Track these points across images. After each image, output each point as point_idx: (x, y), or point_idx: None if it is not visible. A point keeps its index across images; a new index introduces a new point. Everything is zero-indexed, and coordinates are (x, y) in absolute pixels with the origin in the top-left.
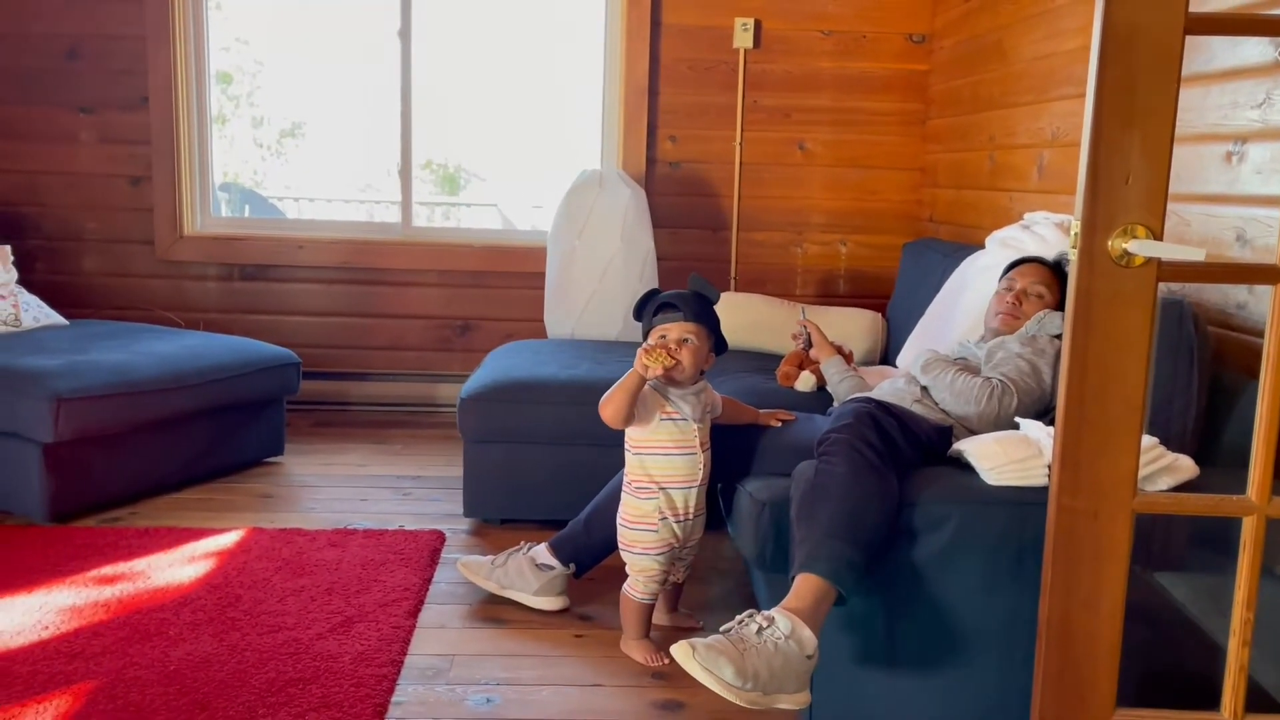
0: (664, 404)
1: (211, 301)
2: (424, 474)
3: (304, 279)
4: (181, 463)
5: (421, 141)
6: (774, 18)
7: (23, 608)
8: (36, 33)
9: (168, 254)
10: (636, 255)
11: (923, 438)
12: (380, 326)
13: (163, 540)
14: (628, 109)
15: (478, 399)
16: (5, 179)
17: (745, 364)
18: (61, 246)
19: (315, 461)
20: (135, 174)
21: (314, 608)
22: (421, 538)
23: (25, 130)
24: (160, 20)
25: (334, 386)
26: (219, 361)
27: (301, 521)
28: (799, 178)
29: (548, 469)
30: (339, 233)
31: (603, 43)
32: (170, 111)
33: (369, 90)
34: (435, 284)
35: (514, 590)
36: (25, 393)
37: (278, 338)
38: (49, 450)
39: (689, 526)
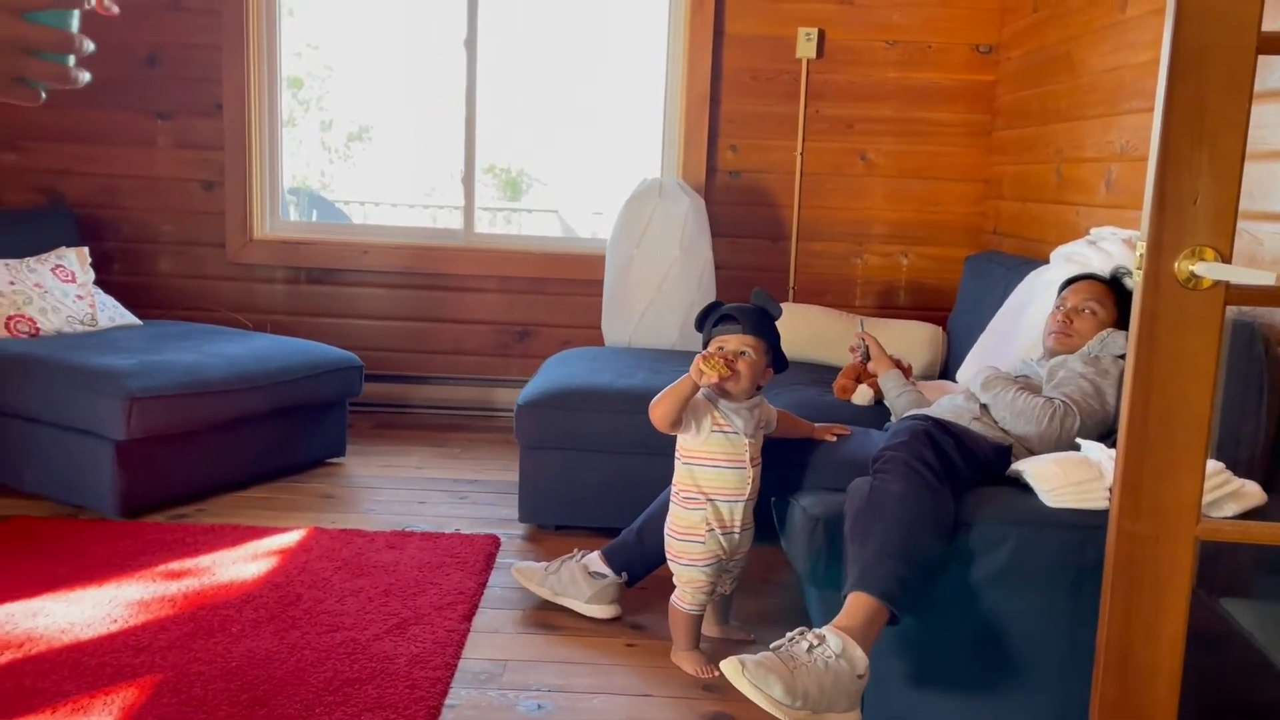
0: (715, 414)
1: (279, 304)
2: (481, 478)
3: (368, 283)
4: (248, 462)
5: (485, 146)
6: (838, 28)
7: (93, 600)
8: (118, 41)
9: (238, 257)
10: (695, 264)
11: (980, 457)
12: (441, 331)
13: (228, 537)
14: (689, 118)
15: (534, 405)
16: (86, 182)
17: (802, 376)
18: (137, 248)
19: (376, 463)
20: (208, 178)
21: (371, 608)
22: (477, 542)
23: (105, 135)
24: (235, 30)
25: (395, 389)
26: (285, 364)
27: (361, 522)
28: (860, 188)
29: (602, 476)
30: (403, 238)
31: (665, 52)
32: (242, 118)
33: (434, 96)
34: (496, 289)
35: (566, 597)
36: (100, 391)
37: (342, 341)
38: (121, 447)
39: (736, 540)
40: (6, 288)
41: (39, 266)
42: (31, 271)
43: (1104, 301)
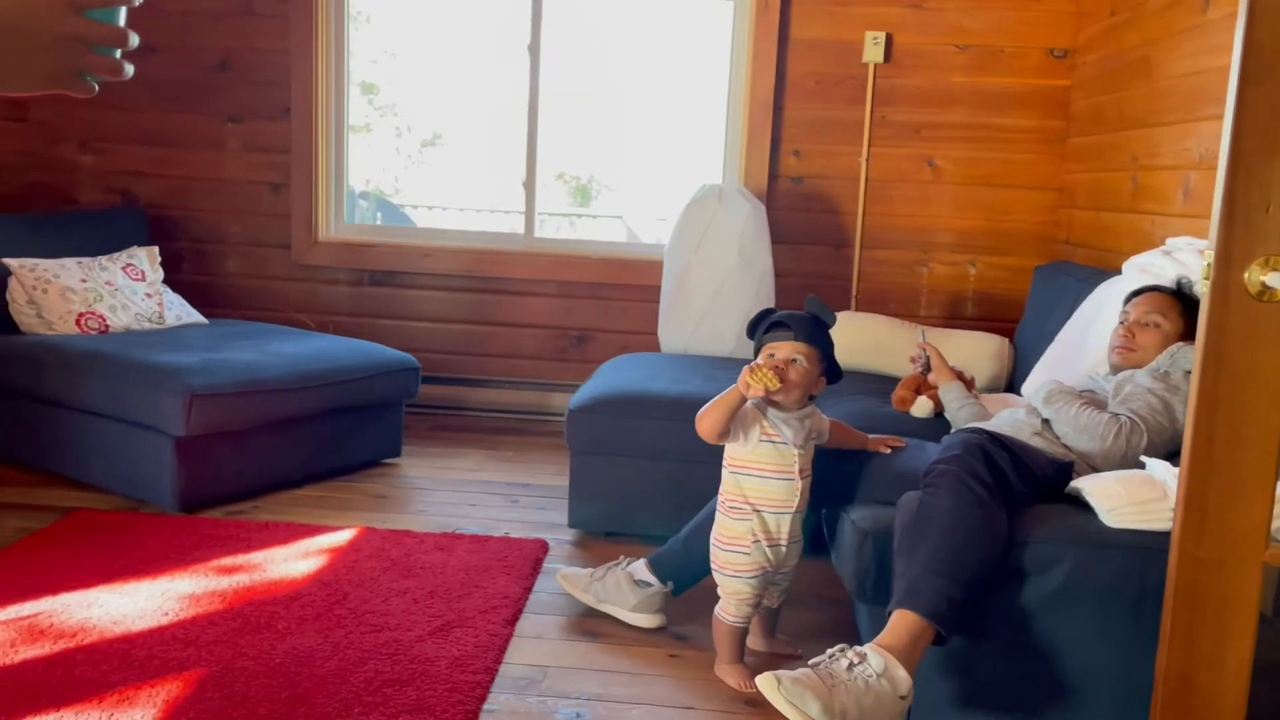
0: (764, 424)
1: (342, 305)
2: (533, 482)
3: (429, 286)
4: (304, 460)
5: (555, 153)
6: (906, 32)
7: (147, 593)
8: (192, 46)
9: (303, 258)
10: (753, 271)
11: (1038, 473)
12: (499, 334)
13: (281, 535)
14: (752, 123)
15: (586, 410)
16: (158, 183)
17: (860, 386)
18: (206, 249)
19: (430, 464)
20: (276, 181)
21: (416, 610)
22: (525, 546)
23: (178, 138)
24: (303, 35)
25: (452, 391)
26: (343, 364)
27: (412, 523)
28: (927, 195)
29: (652, 483)
30: (463, 242)
31: (729, 56)
32: (310, 122)
33: (505, 103)
34: (554, 294)
35: (611, 605)
36: (161, 388)
37: (402, 343)
38: (181, 443)
39: (783, 552)
40: (78, 285)
41: (110, 265)
42: (103, 270)
43: (1169, 314)
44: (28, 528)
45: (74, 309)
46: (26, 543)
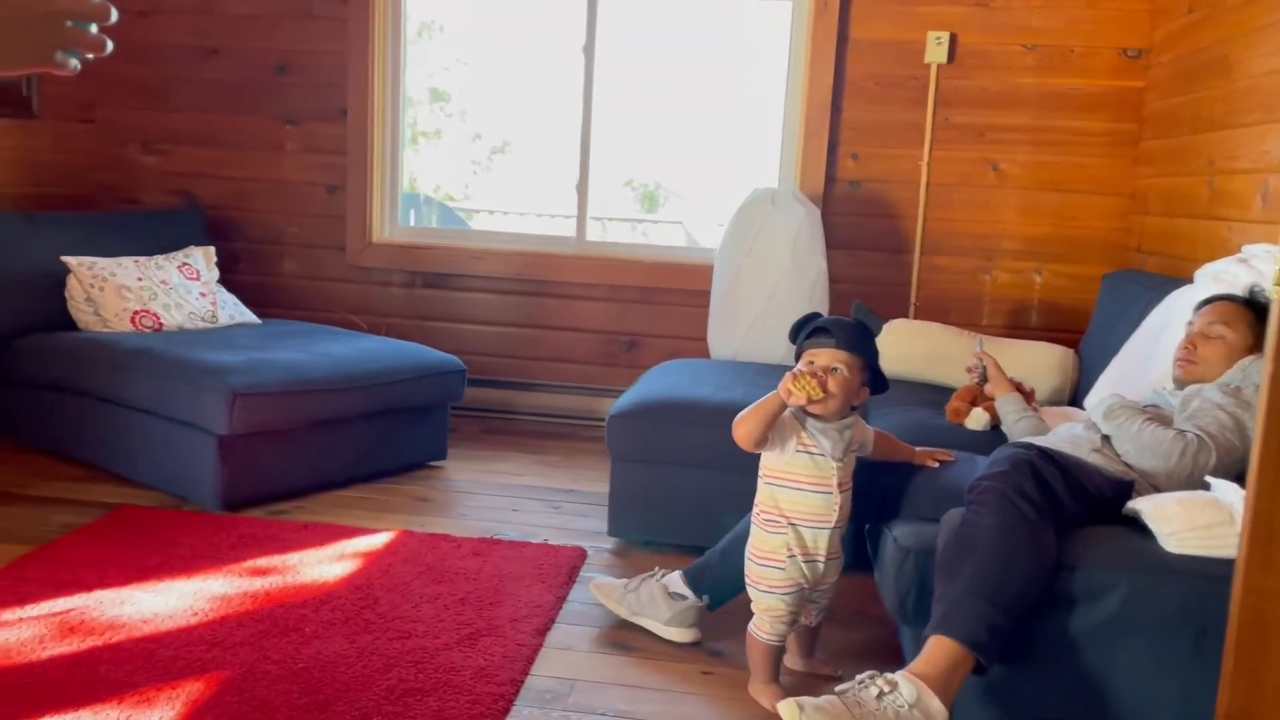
0: (801, 434)
1: (394, 307)
2: (576, 488)
3: (480, 288)
4: (348, 461)
5: (623, 159)
6: (971, 31)
7: (179, 592)
8: (252, 49)
9: (357, 260)
10: (806, 276)
11: (1093, 492)
12: (549, 338)
13: (318, 536)
14: (808, 125)
15: (627, 417)
16: (217, 184)
17: (914, 396)
18: (263, 249)
19: (475, 468)
20: (331, 182)
21: (446, 617)
22: (563, 553)
23: (238, 140)
24: (360, 38)
25: (502, 395)
26: (387, 365)
27: (451, 527)
28: (991, 200)
29: (694, 493)
30: (515, 244)
31: (786, 58)
32: (365, 124)
33: (573, 108)
34: (605, 298)
35: (644, 617)
36: (206, 386)
37: (452, 345)
38: (224, 442)
39: (820, 568)
40: (134, 284)
41: (166, 264)
42: (159, 269)
43: (1235, 324)
44: (73, 523)
45: (129, 307)
46: (70, 538)
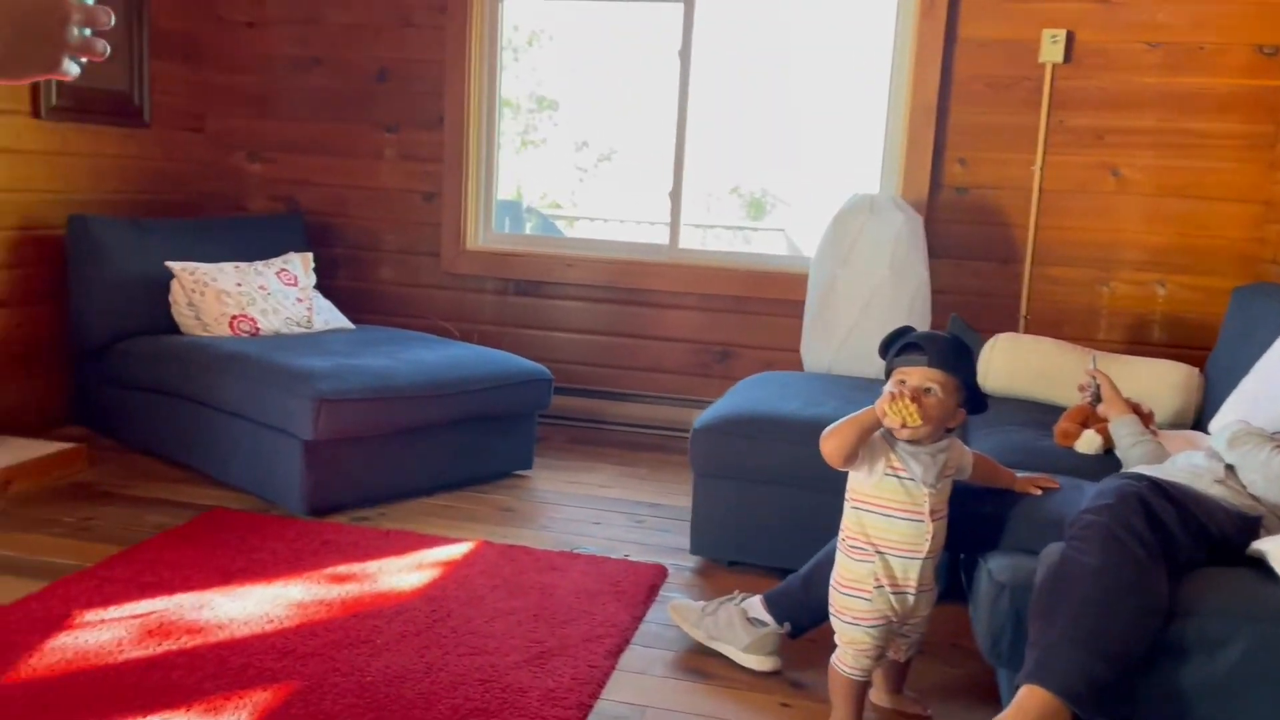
0: (891, 456)
1: (487, 314)
2: (662, 502)
3: (571, 296)
4: (433, 469)
5: (727, 166)
6: (1090, 29)
7: (257, 598)
8: (353, 58)
9: (451, 267)
10: (906, 287)
11: (1214, 530)
12: (641, 347)
13: (398, 544)
14: (912, 130)
15: (710, 431)
16: (319, 191)
17: (1019, 415)
18: (362, 255)
19: (561, 478)
20: (428, 190)
21: (518, 633)
22: (642, 571)
23: (339, 147)
24: (457, 45)
25: (592, 404)
26: (474, 373)
27: (531, 539)
28: (1110, 207)
29: (780, 512)
30: (607, 252)
31: (890, 59)
32: (461, 131)
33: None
34: (697, 307)
35: (722, 643)
36: (293, 391)
37: (544, 353)
38: (310, 447)
39: (910, 601)
40: (234, 288)
41: (265, 270)
42: (258, 274)
43: None
44: (165, 524)
45: (228, 311)
46: (159, 539)
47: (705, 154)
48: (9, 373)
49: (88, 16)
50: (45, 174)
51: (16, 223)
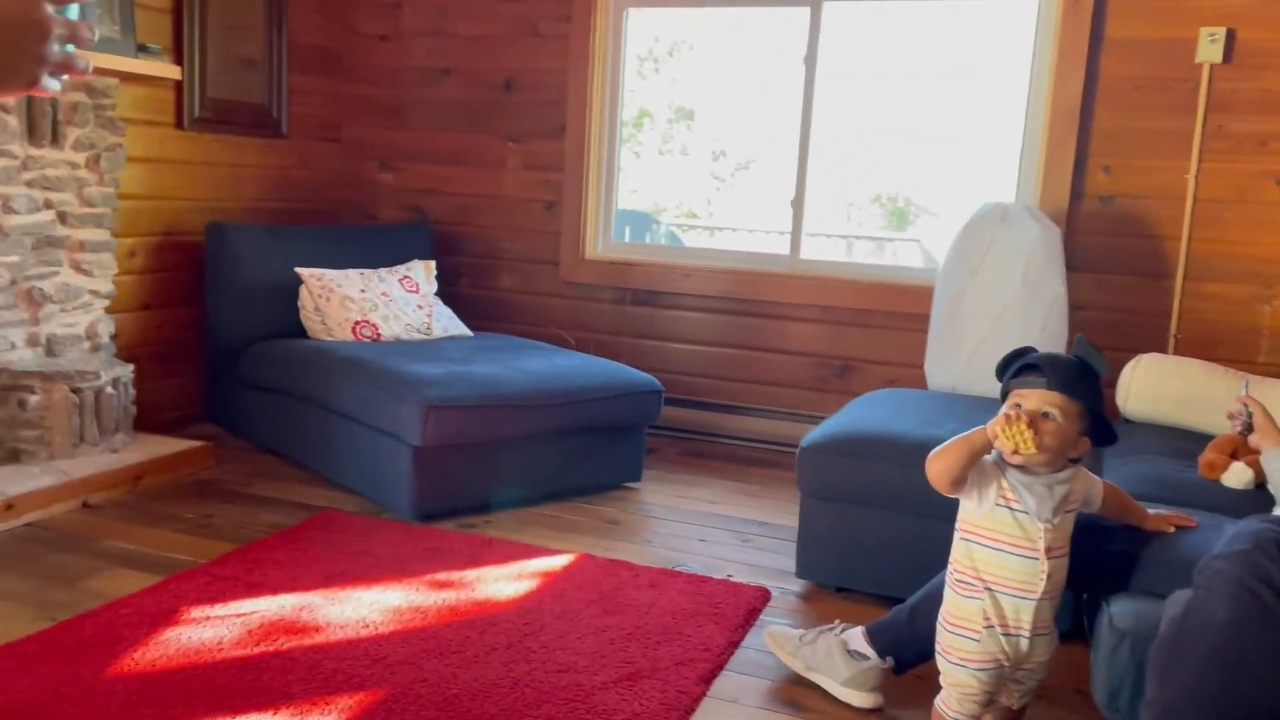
0: (1003, 484)
1: (604, 323)
2: (771, 521)
3: (689, 306)
4: (541, 478)
5: (862, 174)
6: (1253, 25)
7: (357, 602)
8: (481, 68)
9: (570, 275)
10: (1040, 302)
11: None
12: (758, 360)
13: (501, 553)
14: (1052, 135)
15: (818, 449)
16: (446, 200)
17: (1161, 443)
18: (484, 264)
19: (670, 492)
20: (549, 199)
21: (610, 652)
22: (744, 593)
23: (465, 157)
24: (580, 55)
25: (708, 417)
26: (582, 383)
27: (633, 554)
28: (1273, 219)
29: (892, 537)
30: (725, 262)
31: (1030, 61)
32: (582, 140)
33: (819, 127)
34: (818, 320)
35: (820, 674)
36: (404, 397)
37: (659, 363)
38: (418, 453)
39: (1024, 645)
40: (358, 295)
41: (389, 277)
42: (381, 281)
43: None
44: (278, 524)
45: (351, 317)
46: (272, 539)
47: (846, 162)
48: (150, 372)
49: (70, 33)
50: (187, 183)
51: (160, 229)
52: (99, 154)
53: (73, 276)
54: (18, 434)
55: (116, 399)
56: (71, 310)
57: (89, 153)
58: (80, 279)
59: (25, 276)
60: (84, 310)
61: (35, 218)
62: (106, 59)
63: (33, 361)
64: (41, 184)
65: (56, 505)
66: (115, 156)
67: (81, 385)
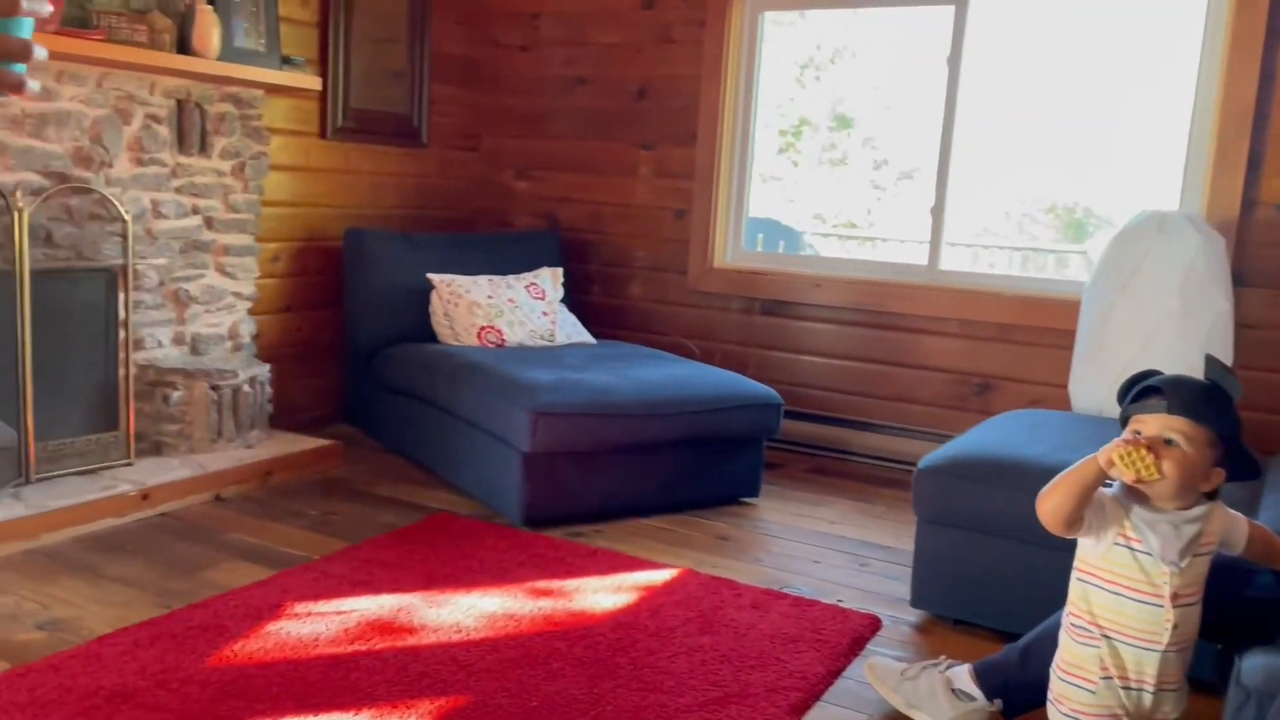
0: (1125, 522)
1: (731, 333)
2: (893, 545)
3: (818, 318)
4: (653, 489)
5: (1047, 182)
6: None
7: (454, 606)
8: (616, 76)
9: (697, 284)
10: (1200, 319)
11: None
12: (891, 375)
13: (604, 564)
14: (1221, 138)
15: (936, 471)
16: (579, 208)
17: None
18: (614, 272)
19: (788, 510)
20: (680, 207)
21: (700, 673)
22: (852, 620)
23: (598, 165)
24: (714, 61)
25: (834, 432)
26: (696, 394)
27: (740, 572)
28: None
29: (1014, 569)
30: (858, 272)
31: (1197, 59)
32: (713, 148)
33: (986, 136)
34: (956, 334)
35: (922, 712)
36: (515, 402)
37: (787, 376)
38: (528, 459)
39: (1147, 700)
40: (485, 300)
41: (516, 283)
42: (509, 287)
43: None
44: (393, 524)
45: (478, 322)
46: (385, 538)
47: (1020, 168)
48: (290, 371)
49: (6, 50)
50: (329, 190)
51: (302, 234)
52: (244, 162)
53: (217, 279)
54: (161, 428)
55: (253, 397)
56: (215, 311)
57: (234, 161)
58: (224, 281)
59: (173, 278)
60: (227, 311)
61: (183, 222)
62: (250, 71)
63: (178, 359)
64: (189, 190)
65: (190, 497)
66: (259, 164)
67: (220, 383)
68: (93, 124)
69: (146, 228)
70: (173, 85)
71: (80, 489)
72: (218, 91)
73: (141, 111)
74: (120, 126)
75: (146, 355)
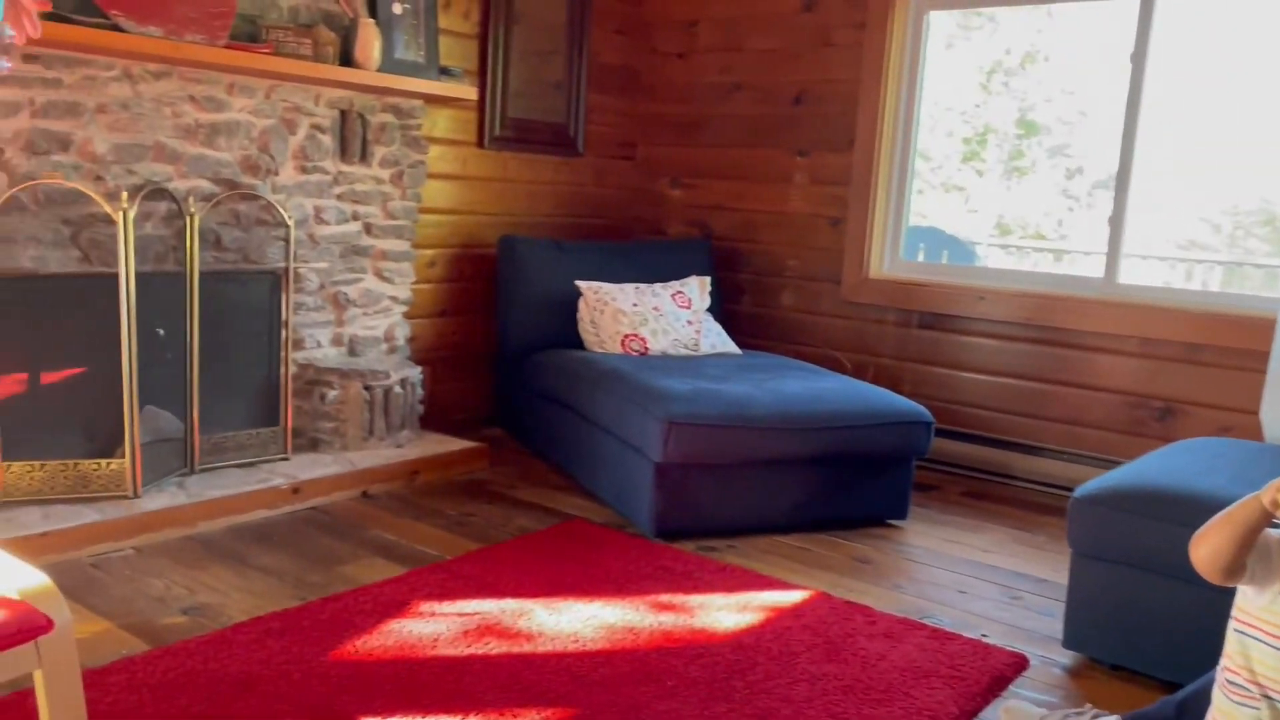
0: None
1: (885, 346)
2: (1050, 579)
3: (981, 332)
4: (790, 506)
5: (1262, 190)
6: None
7: (574, 615)
8: (772, 82)
9: (851, 295)
10: None
11: None
12: (1060, 395)
13: (732, 581)
14: None
15: (1093, 501)
16: (731, 216)
17: None
18: (765, 281)
19: (937, 535)
20: (835, 215)
21: (818, 704)
22: (995, 657)
23: (751, 172)
24: (874, 65)
25: (996, 455)
26: (838, 409)
27: (877, 598)
28: None
29: (1178, 612)
30: (1026, 284)
31: None
32: (871, 154)
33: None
34: (1135, 353)
35: None
36: (649, 411)
37: (946, 393)
38: (660, 469)
39: None
40: (630, 308)
41: (662, 291)
42: (655, 295)
43: None
44: (527, 528)
45: (622, 330)
46: (516, 541)
47: (1226, 174)
48: (444, 374)
49: None
50: (486, 198)
51: (460, 241)
52: (403, 170)
53: (375, 283)
54: (317, 425)
55: (404, 398)
56: (372, 314)
57: (394, 169)
58: (381, 285)
59: (332, 281)
60: (384, 314)
61: (343, 228)
62: (408, 82)
63: (335, 359)
64: (350, 197)
65: (338, 493)
66: (417, 173)
67: (373, 383)
68: (260, 133)
69: (309, 233)
70: (336, 96)
71: (238, 480)
72: (379, 102)
73: (306, 121)
74: (286, 136)
75: (306, 355)
